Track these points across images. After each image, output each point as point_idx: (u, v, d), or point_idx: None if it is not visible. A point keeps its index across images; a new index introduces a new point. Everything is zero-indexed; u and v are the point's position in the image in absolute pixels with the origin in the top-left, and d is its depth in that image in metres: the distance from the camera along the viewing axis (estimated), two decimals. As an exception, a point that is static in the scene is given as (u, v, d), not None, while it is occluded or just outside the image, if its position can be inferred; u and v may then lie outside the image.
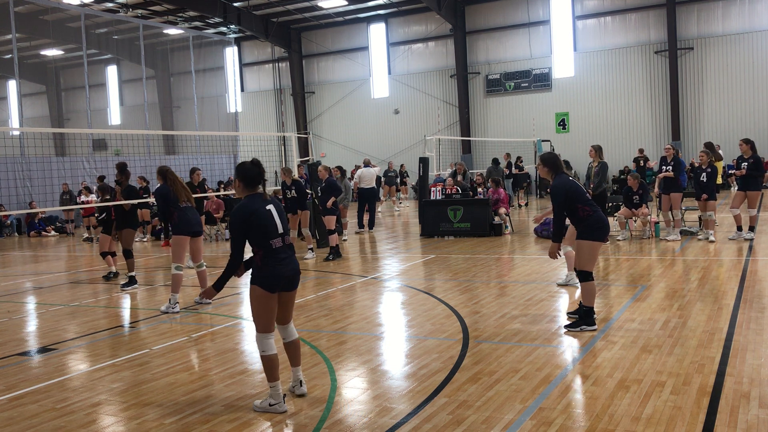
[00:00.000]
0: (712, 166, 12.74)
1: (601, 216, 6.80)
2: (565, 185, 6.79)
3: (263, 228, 4.84)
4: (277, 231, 4.91)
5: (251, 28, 33.54)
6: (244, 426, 4.66)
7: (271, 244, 4.87)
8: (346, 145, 35.61)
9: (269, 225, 4.87)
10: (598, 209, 6.81)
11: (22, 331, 8.18)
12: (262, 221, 4.84)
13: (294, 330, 5.21)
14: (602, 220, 6.79)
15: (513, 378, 5.34)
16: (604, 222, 6.78)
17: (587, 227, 6.71)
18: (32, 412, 5.14)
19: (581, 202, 6.75)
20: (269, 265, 4.85)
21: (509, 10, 31.76)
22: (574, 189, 6.79)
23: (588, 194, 12.70)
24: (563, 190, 6.76)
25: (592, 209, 6.74)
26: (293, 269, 4.99)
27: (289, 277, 4.95)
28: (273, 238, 4.88)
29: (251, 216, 4.81)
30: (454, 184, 16.67)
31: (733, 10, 28.09)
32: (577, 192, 6.79)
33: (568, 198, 6.73)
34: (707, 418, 4.37)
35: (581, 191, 6.84)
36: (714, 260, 10.62)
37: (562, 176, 6.91)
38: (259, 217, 4.83)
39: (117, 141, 30.84)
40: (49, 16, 30.12)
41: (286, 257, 4.94)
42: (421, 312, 7.92)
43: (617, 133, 30.14)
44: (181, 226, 8.78)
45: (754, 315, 6.94)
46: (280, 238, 4.93)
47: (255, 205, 4.85)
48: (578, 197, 6.77)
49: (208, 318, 8.26)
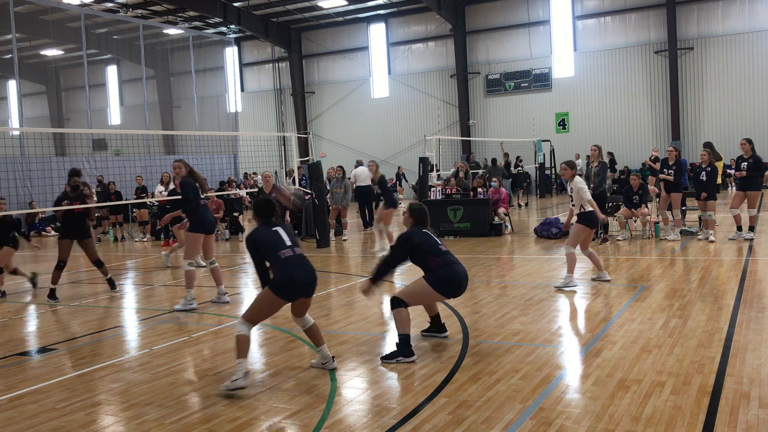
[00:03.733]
0: (712, 166, 12.74)
1: (452, 271, 6.18)
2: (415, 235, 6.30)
3: (270, 243, 5.48)
4: (285, 244, 5.51)
5: (251, 28, 33.54)
6: (244, 426, 4.66)
7: (280, 255, 5.43)
8: (346, 145, 35.60)
9: (275, 240, 5.50)
10: (449, 262, 6.20)
11: (22, 331, 8.18)
12: (267, 241, 5.50)
13: (309, 317, 5.75)
14: (452, 275, 6.17)
15: (513, 378, 5.34)
16: (453, 278, 6.17)
17: (434, 277, 6.16)
18: (32, 412, 5.14)
19: (433, 252, 6.20)
20: (283, 272, 5.40)
21: (509, 10, 31.77)
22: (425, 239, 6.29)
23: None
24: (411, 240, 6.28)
25: (442, 260, 6.18)
26: (313, 276, 5.55)
27: (305, 283, 5.50)
28: (281, 250, 5.46)
29: (258, 240, 5.53)
30: (455, 184, 16.67)
31: (733, 10, 28.09)
32: (428, 242, 6.26)
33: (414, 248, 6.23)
34: (707, 418, 4.37)
35: (432, 241, 6.28)
36: (714, 260, 10.62)
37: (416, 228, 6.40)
38: (264, 239, 5.52)
39: (117, 141, 30.84)
40: (49, 16, 30.12)
41: (300, 264, 5.48)
42: (421, 312, 7.90)
43: (617, 133, 30.14)
44: (198, 224, 8.82)
45: (754, 315, 6.93)
46: (290, 249, 5.50)
47: (261, 231, 5.58)
48: (429, 248, 6.23)
49: (208, 318, 8.25)
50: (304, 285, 5.50)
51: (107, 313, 9.08)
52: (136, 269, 13.31)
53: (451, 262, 6.23)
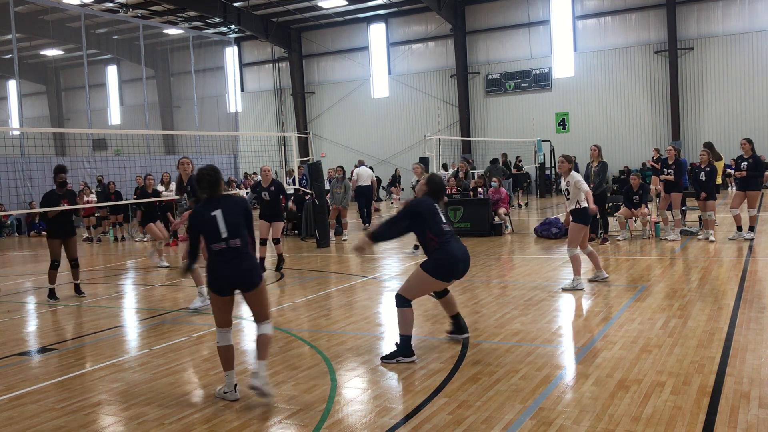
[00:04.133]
0: (712, 166, 12.74)
1: (446, 253, 5.99)
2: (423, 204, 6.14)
3: (204, 233, 5.08)
4: (219, 236, 5.02)
5: (251, 28, 33.54)
6: (244, 426, 4.66)
7: (212, 248, 5.04)
8: (346, 145, 35.60)
9: (211, 230, 5.04)
10: (444, 243, 6.01)
11: (22, 331, 8.18)
12: (203, 226, 5.08)
13: (266, 326, 5.22)
14: (445, 258, 5.99)
15: (513, 378, 5.34)
16: (447, 261, 6.00)
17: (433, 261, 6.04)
18: (32, 412, 5.14)
19: (432, 229, 6.03)
20: (212, 268, 5.04)
21: (509, 10, 31.77)
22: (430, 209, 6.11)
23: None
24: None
25: (438, 241, 6.00)
26: (241, 271, 5.03)
27: (234, 278, 5.02)
28: (214, 243, 5.04)
29: (195, 220, 5.16)
30: (456, 184, 16.66)
31: (733, 10, 28.10)
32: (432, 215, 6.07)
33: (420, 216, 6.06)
34: (707, 418, 4.37)
35: (437, 217, 6.09)
36: (714, 260, 10.62)
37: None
38: (201, 223, 5.10)
39: (117, 141, 30.84)
40: (49, 16, 30.12)
41: (230, 259, 5.02)
42: (421, 312, 7.92)
43: (617, 133, 30.14)
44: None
45: (754, 315, 6.93)
46: (224, 242, 5.02)
47: (200, 211, 5.14)
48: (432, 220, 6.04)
49: (208, 318, 8.25)
50: (232, 280, 5.03)
51: (107, 313, 9.07)
52: (136, 269, 13.31)
53: (446, 242, 5.98)
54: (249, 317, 8.26)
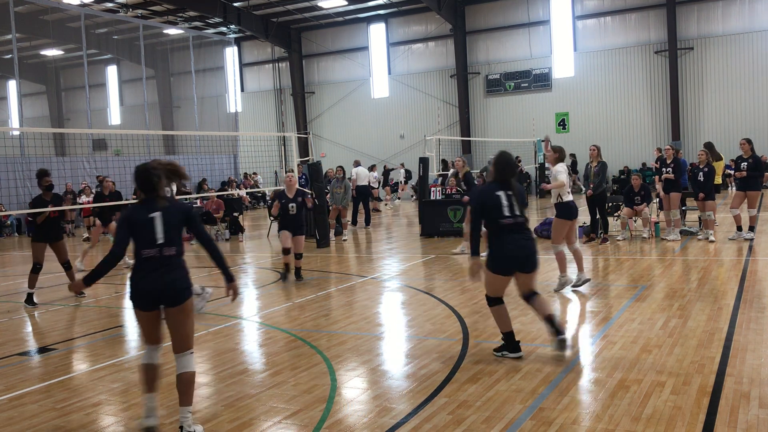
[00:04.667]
0: (710, 166, 12.74)
1: (501, 248, 5.71)
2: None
3: (136, 236, 4.53)
4: (154, 242, 4.49)
5: (251, 28, 33.54)
6: (244, 426, 4.66)
7: (142, 254, 4.51)
8: (346, 145, 35.60)
9: (145, 234, 4.50)
10: (500, 235, 5.72)
11: (22, 331, 8.18)
12: (137, 228, 4.52)
13: (188, 360, 4.58)
14: (501, 253, 5.72)
15: (513, 378, 5.34)
16: (502, 255, 5.72)
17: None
18: (32, 412, 5.14)
19: (492, 221, 5.72)
20: (137, 277, 4.54)
21: (509, 10, 31.77)
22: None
23: (588, 193, 12.78)
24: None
25: (495, 233, 5.74)
26: (166, 282, 4.48)
27: (158, 290, 4.47)
28: (145, 248, 4.49)
29: (129, 220, 4.58)
30: (456, 184, 16.65)
31: (733, 10, 28.09)
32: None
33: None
34: (707, 418, 4.37)
35: (498, 209, 5.72)
36: (714, 260, 10.62)
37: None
38: (136, 224, 4.53)
39: (117, 141, 30.84)
40: (49, 16, 30.12)
41: (158, 268, 4.48)
42: (421, 312, 7.92)
43: (617, 133, 30.14)
44: None
45: (754, 315, 6.93)
46: (157, 249, 4.49)
47: (137, 211, 4.58)
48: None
49: (208, 318, 8.25)
50: (153, 295, 4.50)
51: (107, 313, 9.07)
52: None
53: (502, 235, 5.64)
54: (249, 317, 8.26)
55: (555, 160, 8.88)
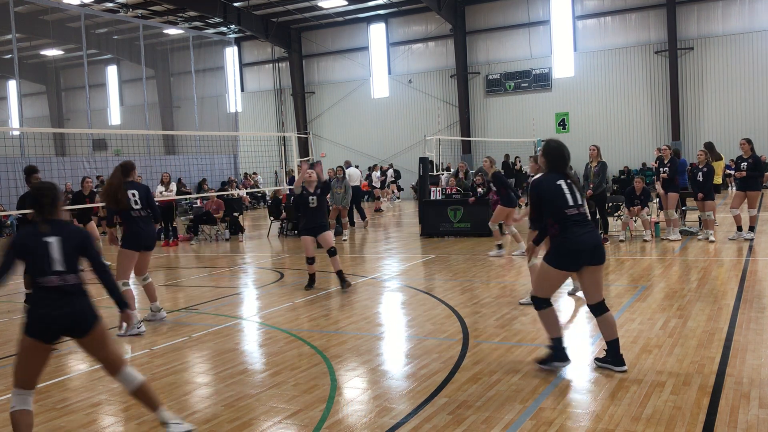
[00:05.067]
0: (709, 166, 12.74)
1: (567, 239, 5.29)
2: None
3: (30, 261, 4.10)
4: (51, 268, 4.07)
5: (251, 28, 33.55)
6: (244, 426, 4.66)
7: (38, 282, 4.09)
8: (346, 145, 35.60)
9: (41, 259, 4.07)
10: (565, 228, 5.32)
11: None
12: (30, 253, 4.09)
13: (130, 376, 4.34)
14: (567, 244, 5.30)
15: (513, 378, 5.34)
16: (568, 247, 5.31)
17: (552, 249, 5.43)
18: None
19: (556, 214, 5.35)
20: (36, 306, 4.11)
21: (509, 10, 31.77)
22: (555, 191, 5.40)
23: (587, 193, 12.77)
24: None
25: (560, 227, 5.33)
26: (72, 312, 4.12)
27: (64, 320, 4.09)
28: (42, 275, 4.07)
29: (21, 243, 4.15)
30: (456, 184, 16.67)
31: (733, 10, 28.09)
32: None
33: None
34: (707, 418, 4.37)
35: (562, 200, 5.37)
36: (714, 260, 10.62)
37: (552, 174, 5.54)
38: (29, 248, 4.09)
39: (117, 141, 30.84)
40: (49, 16, 30.13)
41: (60, 297, 4.09)
42: (421, 312, 7.92)
43: (617, 133, 30.14)
44: (131, 239, 7.68)
45: (754, 315, 6.93)
46: (57, 276, 4.08)
47: (31, 234, 4.15)
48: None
49: (208, 318, 8.25)
50: (57, 325, 4.13)
51: (107, 313, 9.06)
52: (136, 269, 13.30)
53: (567, 228, 5.25)
54: (249, 317, 8.26)
55: (539, 171, 8.08)
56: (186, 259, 14.37)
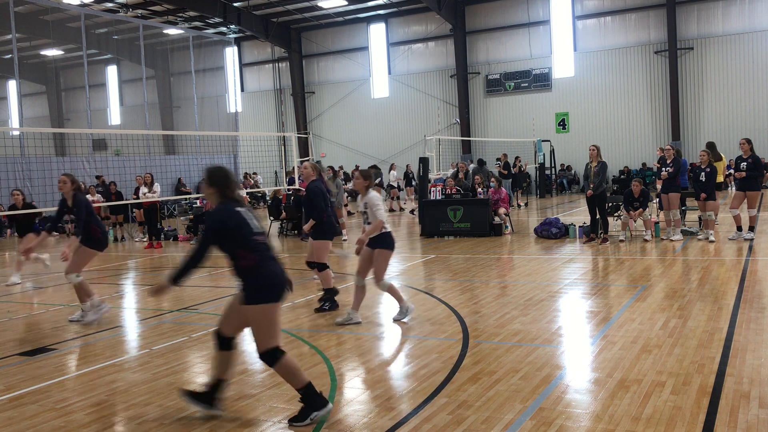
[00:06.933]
0: (712, 166, 12.74)
1: (272, 269, 4.77)
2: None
3: None
4: None
5: (251, 28, 33.55)
6: (244, 426, 4.66)
7: None
8: (346, 145, 35.61)
9: None
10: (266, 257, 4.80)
11: (22, 331, 8.18)
12: None
13: None
14: (273, 273, 4.75)
15: (513, 378, 5.34)
16: (274, 278, 4.76)
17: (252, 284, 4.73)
18: (32, 412, 5.14)
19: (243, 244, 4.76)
20: None
21: (509, 10, 31.78)
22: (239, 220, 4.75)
23: (588, 193, 12.76)
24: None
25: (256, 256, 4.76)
26: None
27: None
28: None
29: None
30: (455, 185, 16.66)
31: (733, 10, 28.10)
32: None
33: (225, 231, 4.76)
34: (707, 418, 4.37)
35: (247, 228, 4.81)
36: (714, 260, 10.62)
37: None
38: None
39: (117, 141, 30.85)
40: (49, 16, 30.14)
41: None
42: (421, 312, 7.92)
43: (617, 133, 30.15)
44: (96, 242, 8.26)
45: (754, 315, 6.93)
46: None
47: None
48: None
49: (208, 318, 8.25)
50: None
51: (107, 313, 9.07)
52: (136, 269, 13.31)
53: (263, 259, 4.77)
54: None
55: (364, 189, 7.25)
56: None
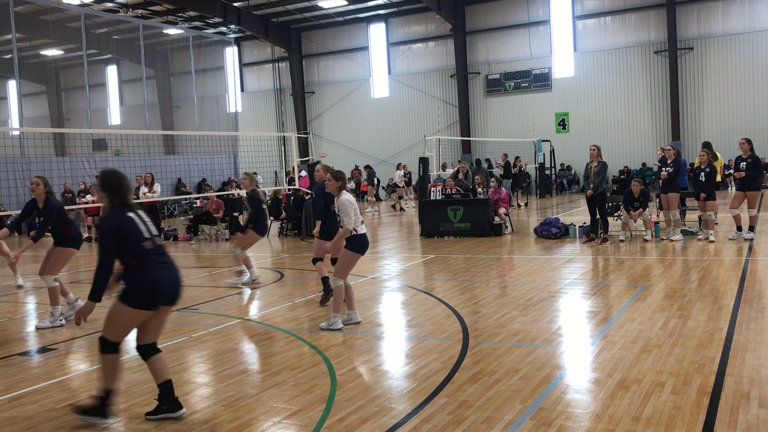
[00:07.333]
0: (711, 166, 12.74)
1: (149, 276, 4.83)
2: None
3: None
4: None
5: (251, 28, 33.55)
6: (244, 426, 4.66)
7: None
8: (346, 145, 35.61)
9: None
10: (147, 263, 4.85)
11: (22, 331, 8.18)
12: None
13: None
14: (149, 281, 4.83)
15: (513, 378, 5.34)
16: (150, 284, 4.85)
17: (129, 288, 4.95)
18: (32, 412, 5.14)
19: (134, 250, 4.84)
20: None
21: (509, 10, 31.78)
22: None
23: (588, 194, 12.76)
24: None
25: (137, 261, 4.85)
26: None
27: None
28: None
29: None
30: (454, 185, 16.66)
31: (733, 10, 28.10)
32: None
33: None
34: (707, 418, 4.37)
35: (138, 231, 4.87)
36: (714, 260, 10.62)
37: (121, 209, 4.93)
38: None
39: (117, 141, 30.85)
40: (49, 16, 30.14)
41: None
42: (421, 312, 7.92)
43: (617, 133, 30.15)
44: (70, 240, 8.41)
45: (754, 315, 6.93)
46: None
47: None
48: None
49: (208, 318, 8.25)
50: None
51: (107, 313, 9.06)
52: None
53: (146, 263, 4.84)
54: (249, 317, 8.26)
55: (336, 189, 7.17)
56: (186, 259, 14.37)
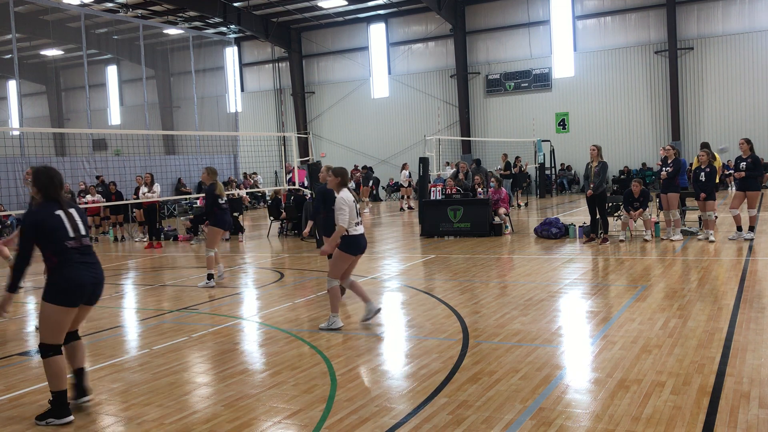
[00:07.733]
0: (711, 166, 12.74)
1: (70, 274, 4.83)
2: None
3: None
4: None
5: (251, 28, 33.55)
6: (244, 426, 4.66)
7: None
8: (346, 145, 35.61)
9: None
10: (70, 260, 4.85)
11: (22, 331, 8.18)
12: None
13: None
14: (70, 279, 4.82)
15: (513, 378, 5.34)
16: (71, 282, 4.83)
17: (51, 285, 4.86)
18: (32, 412, 5.14)
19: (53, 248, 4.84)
20: None
21: (509, 10, 31.78)
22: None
23: (588, 193, 12.76)
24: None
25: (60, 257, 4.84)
26: None
27: None
28: None
29: None
30: (454, 185, 16.66)
31: (733, 10, 28.09)
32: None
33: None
34: (707, 418, 4.37)
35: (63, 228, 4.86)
36: (714, 260, 10.62)
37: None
38: None
39: (117, 141, 30.85)
40: (49, 16, 30.13)
41: None
42: (421, 312, 7.92)
43: (617, 133, 30.15)
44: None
45: (754, 315, 6.93)
46: None
47: None
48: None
49: (208, 318, 8.26)
50: None
51: (107, 313, 9.07)
52: (136, 269, 13.31)
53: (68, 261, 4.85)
54: (249, 317, 8.26)
55: (337, 185, 7.23)
56: (186, 259, 14.37)
